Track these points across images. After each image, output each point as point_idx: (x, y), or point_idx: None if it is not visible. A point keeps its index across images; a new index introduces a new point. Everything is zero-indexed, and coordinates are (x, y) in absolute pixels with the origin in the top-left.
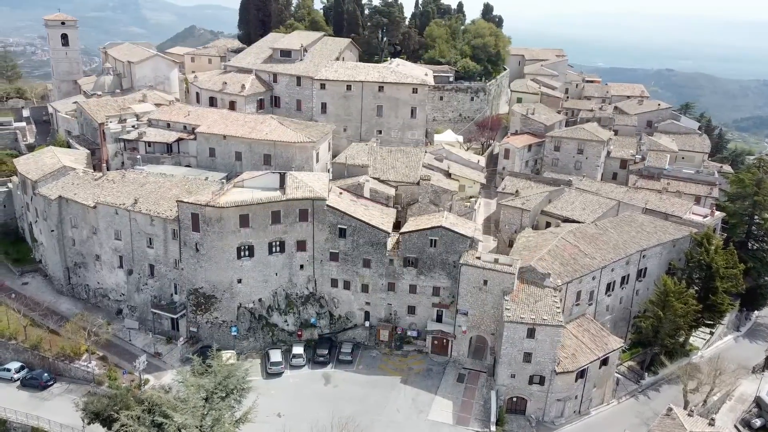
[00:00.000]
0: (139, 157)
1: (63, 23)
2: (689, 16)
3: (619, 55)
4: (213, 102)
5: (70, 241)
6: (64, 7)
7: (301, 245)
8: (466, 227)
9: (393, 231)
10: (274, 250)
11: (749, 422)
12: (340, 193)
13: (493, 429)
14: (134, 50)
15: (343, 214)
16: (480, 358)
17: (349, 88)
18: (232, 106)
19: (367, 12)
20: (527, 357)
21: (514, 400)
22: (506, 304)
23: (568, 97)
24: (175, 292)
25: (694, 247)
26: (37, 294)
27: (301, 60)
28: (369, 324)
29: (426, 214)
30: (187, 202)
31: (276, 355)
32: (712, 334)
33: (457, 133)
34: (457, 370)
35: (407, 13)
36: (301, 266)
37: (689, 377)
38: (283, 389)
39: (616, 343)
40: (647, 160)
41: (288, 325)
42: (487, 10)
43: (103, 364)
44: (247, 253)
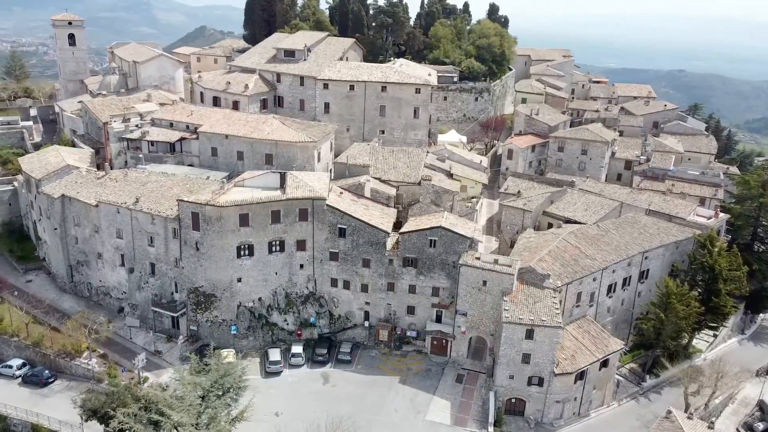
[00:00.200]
0: (142, 157)
1: (70, 23)
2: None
3: (632, 56)
4: (217, 102)
5: (72, 239)
6: (76, 7)
7: (300, 245)
8: (466, 227)
9: (393, 231)
10: (273, 249)
11: (752, 426)
12: (341, 193)
13: (491, 430)
14: (140, 50)
15: (343, 213)
16: (479, 358)
17: (352, 88)
18: (236, 106)
19: (372, 12)
20: (526, 358)
21: (512, 401)
22: (505, 305)
23: (573, 98)
24: (175, 291)
25: (697, 249)
26: (40, 292)
27: (305, 60)
28: (368, 324)
29: (427, 215)
30: (187, 201)
31: (275, 354)
32: (715, 336)
33: (461, 134)
34: (456, 370)
35: (412, 14)
36: (301, 266)
37: (690, 380)
38: (282, 388)
39: (616, 345)
40: (652, 161)
41: (288, 325)
42: (493, 10)
43: (104, 362)
44: (246, 252)
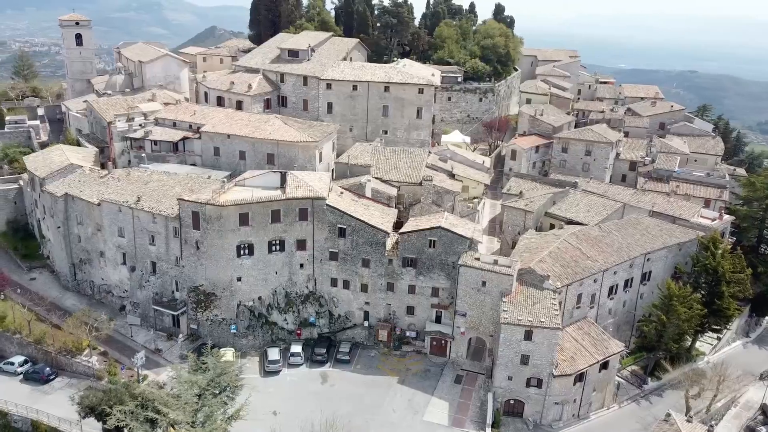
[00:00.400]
0: (144, 156)
1: (77, 23)
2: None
3: (643, 57)
4: (221, 101)
5: (75, 237)
6: (88, 8)
7: (300, 244)
8: (466, 228)
9: (394, 231)
10: (273, 248)
11: (754, 429)
12: (341, 193)
13: (489, 431)
14: (146, 50)
15: (343, 213)
16: (479, 359)
17: (355, 88)
18: (239, 106)
19: (377, 12)
20: (524, 359)
21: (511, 402)
22: (504, 306)
23: (579, 99)
24: (176, 289)
25: (701, 251)
26: (43, 289)
27: (309, 60)
28: (368, 324)
29: (427, 215)
30: (187, 200)
31: (274, 354)
32: (719, 339)
33: (465, 134)
34: (455, 371)
35: (418, 14)
36: (301, 265)
37: (691, 383)
38: (280, 387)
39: (616, 347)
40: (657, 163)
41: (287, 324)
42: (499, 10)
43: (104, 360)
44: (246, 252)
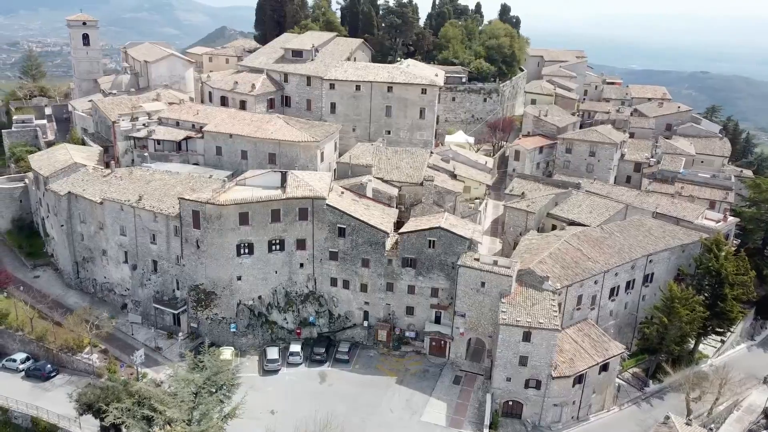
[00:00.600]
0: (147, 155)
1: (84, 23)
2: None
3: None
4: (224, 101)
5: (78, 236)
6: (101, 8)
7: (300, 244)
8: (466, 228)
9: (394, 231)
10: (273, 248)
11: None
12: (342, 193)
13: None
14: (151, 50)
15: (342, 213)
16: (478, 360)
17: (358, 88)
18: (243, 106)
19: (381, 13)
20: (523, 360)
21: (510, 403)
22: (502, 307)
23: (584, 99)
24: (177, 288)
25: (704, 253)
26: (46, 287)
27: (312, 60)
28: (368, 324)
29: (428, 215)
30: (188, 200)
31: (273, 353)
32: (722, 342)
33: (469, 134)
34: (453, 372)
35: (423, 14)
36: (301, 265)
37: (692, 386)
38: (279, 386)
39: (617, 349)
40: (662, 164)
41: (287, 323)
42: (504, 11)
43: (104, 357)
44: (246, 251)
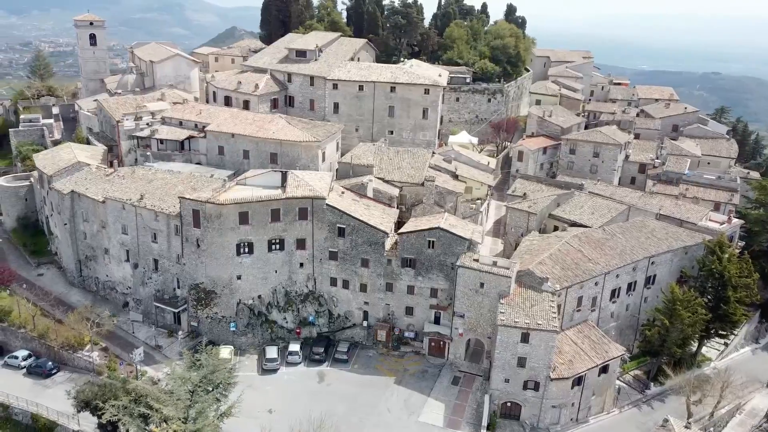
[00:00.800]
0: (150, 154)
1: (91, 23)
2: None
3: (666, 59)
4: (228, 101)
5: (81, 234)
6: (112, 9)
7: (300, 243)
8: (465, 229)
9: (394, 231)
10: (273, 247)
11: None
12: (342, 193)
13: None
14: (157, 50)
15: (342, 213)
16: (477, 361)
17: (361, 88)
18: (246, 106)
19: (386, 13)
20: (521, 362)
21: (508, 405)
22: (501, 308)
23: (590, 100)
24: (177, 287)
25: (707, 255)
26: (50, 285)
27: (316, 60)
28: (367, 324)
29: (428, 216)
30: (188, 199)
31: (272, 352)
32: (726, 345)
33: (473, 135)
34: (452, 372)
35: (429, 14)
36: (301, 264)
37: (693, 389)
38: (277, 386)
39: (617, 351)
40: (666, 165)
41: (287, 323)
42: (510, 11)
43: (105, 355)
44: (246, 250)
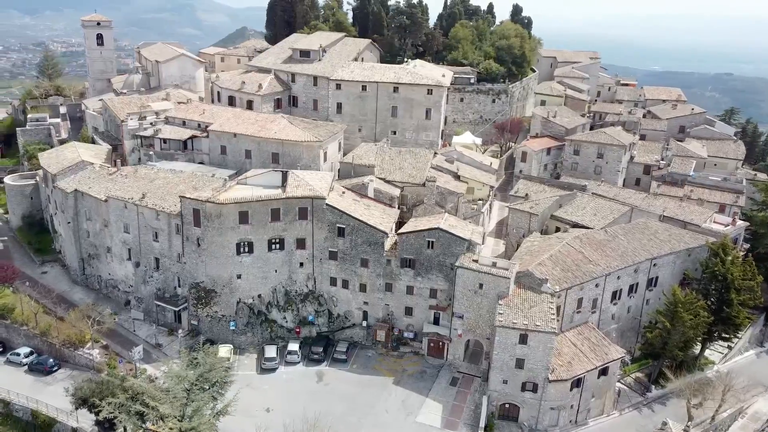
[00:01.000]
0: (153, 153)
1: (98, 24)
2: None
3: (677, 60)
4: (232, 101)
5: (84, 233)
6: (123, 9)
7: (300, 243)
8: (465, 230)
9: (394, 231)
10: (273, 247)
11: None
12: (343, 193)
13: None
14: (163, 50)
15: (342, 213)
16: (476, 362)
17: (364, 88)
18: (250, 105)
19: (391, 13)
20: (519, 363)
21: (506, 406)
22: (499, 309)
23: (596, 100)
24: (178, 285)
25: (710, 257)
26: (53, 283)
27: (320, 60)
28: (367, 324)
29: (428, 216)
30: (189, 198)
31: (271, 351)
32: (729, 348)
33: (477, 135)
34: (451, 373)
35: (434, 14)
36: (301, 264)
37: (693, 392)
38: (276, 385)
39: (617, 353)
40: (671, 166)
41: (287, 322)
42: (516, 11)
43: (105, 353)
44: (246, 250)
